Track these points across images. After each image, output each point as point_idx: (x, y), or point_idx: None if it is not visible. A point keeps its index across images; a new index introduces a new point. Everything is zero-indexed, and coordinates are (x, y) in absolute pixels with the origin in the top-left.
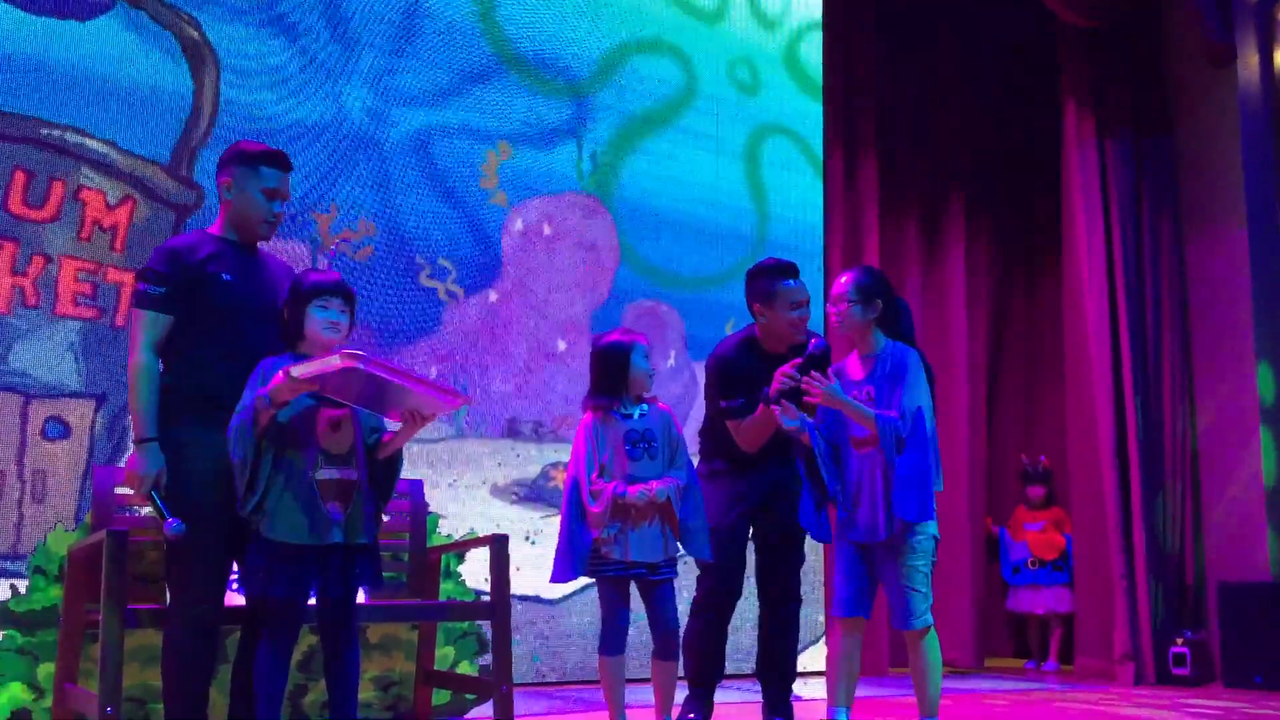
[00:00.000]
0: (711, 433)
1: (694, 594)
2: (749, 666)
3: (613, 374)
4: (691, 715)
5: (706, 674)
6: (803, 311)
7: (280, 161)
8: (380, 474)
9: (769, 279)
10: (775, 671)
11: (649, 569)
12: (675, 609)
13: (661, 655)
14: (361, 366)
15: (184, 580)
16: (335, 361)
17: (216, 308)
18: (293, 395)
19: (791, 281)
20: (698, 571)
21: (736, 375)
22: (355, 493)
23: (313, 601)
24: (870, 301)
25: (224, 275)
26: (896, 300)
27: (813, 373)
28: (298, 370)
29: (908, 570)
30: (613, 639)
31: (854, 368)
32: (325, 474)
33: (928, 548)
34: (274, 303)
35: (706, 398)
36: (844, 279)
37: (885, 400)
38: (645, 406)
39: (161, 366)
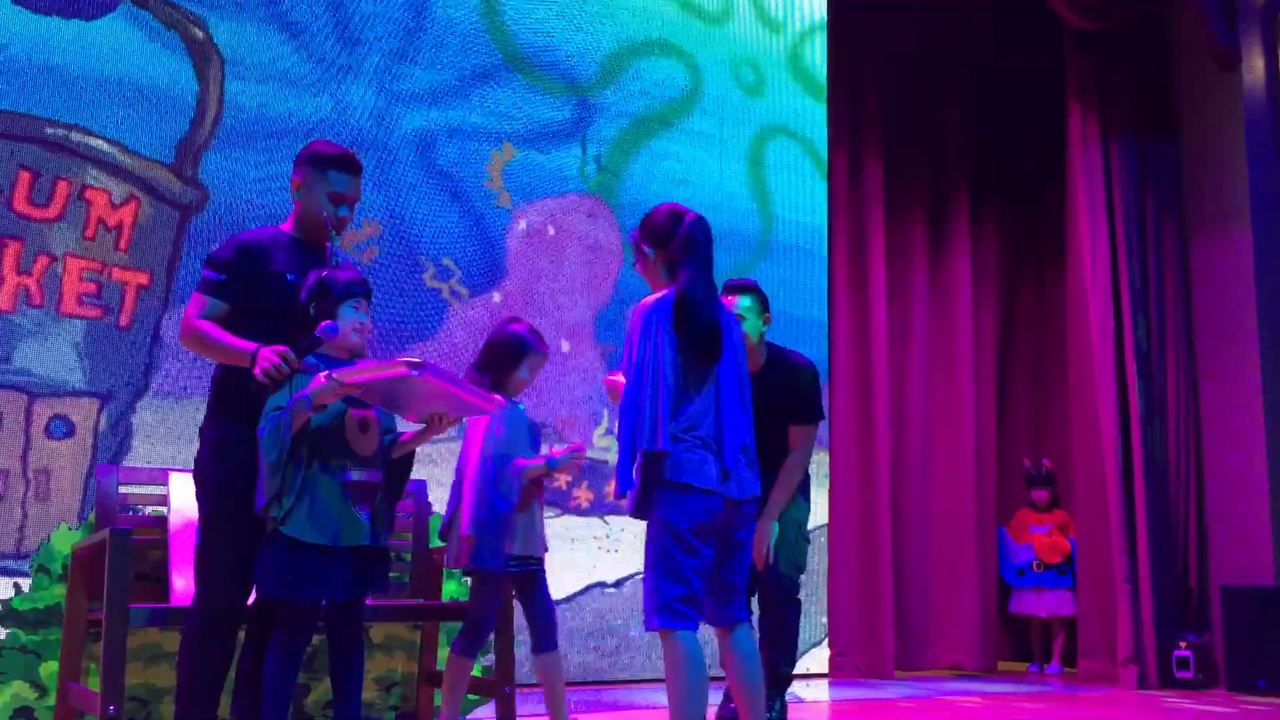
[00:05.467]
0: None
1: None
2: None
3: None
4: None
5: None
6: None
7: (350, 165)
8: (394, 475)
9: None
10: None
11: None
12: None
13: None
14: (427, 375)
15: (211, 576)
16: (398, 368)
17: (275, 306)
18: (336, 399)
19: None
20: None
21: None
22: (379, 494)
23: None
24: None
25: (288, 275)
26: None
27: None
28: (348, 376)
29: (647, 561)
30: None
31: None
32: (354, 475)
33: (655, 535)
34: None
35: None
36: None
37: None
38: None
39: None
